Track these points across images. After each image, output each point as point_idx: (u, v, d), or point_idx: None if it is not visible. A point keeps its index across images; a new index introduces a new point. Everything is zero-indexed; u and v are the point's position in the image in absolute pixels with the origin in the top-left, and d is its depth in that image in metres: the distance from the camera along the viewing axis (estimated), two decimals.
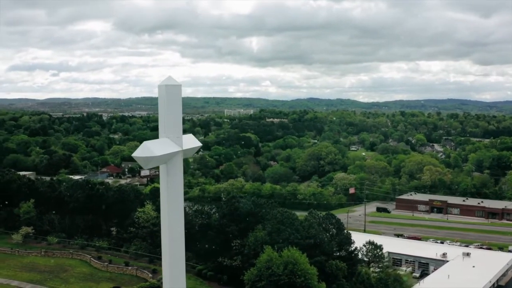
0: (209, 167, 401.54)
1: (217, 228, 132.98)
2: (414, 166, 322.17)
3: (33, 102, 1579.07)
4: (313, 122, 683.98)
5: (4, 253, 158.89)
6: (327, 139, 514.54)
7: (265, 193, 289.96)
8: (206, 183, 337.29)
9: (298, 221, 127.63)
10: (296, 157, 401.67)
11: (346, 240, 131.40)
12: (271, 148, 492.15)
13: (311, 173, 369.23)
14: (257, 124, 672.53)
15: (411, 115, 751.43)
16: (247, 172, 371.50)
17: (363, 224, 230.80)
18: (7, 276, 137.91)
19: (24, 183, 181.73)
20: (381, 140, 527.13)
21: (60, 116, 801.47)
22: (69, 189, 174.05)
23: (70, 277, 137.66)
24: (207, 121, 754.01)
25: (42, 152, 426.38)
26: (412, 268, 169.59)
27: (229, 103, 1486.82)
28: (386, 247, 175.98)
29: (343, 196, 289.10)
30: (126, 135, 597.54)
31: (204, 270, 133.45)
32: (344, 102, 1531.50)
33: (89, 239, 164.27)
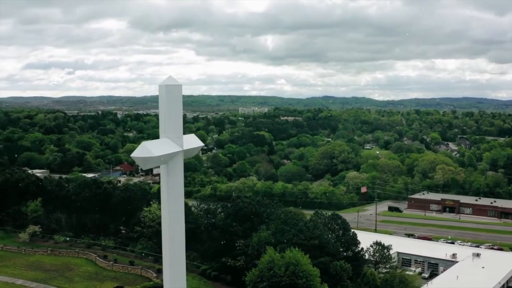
0: (222, 165, 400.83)
1: (222, 228, 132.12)
2: (427, 165, 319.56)
3: (49, 100, 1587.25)
4: (328, 120, 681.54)
5: (11, 251, 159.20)
6: (341, 138, 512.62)
7: (276, 192, 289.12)
8: (218, 181, 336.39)
9: (302, 221, 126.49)
10: (309, 156, 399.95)
11: (352, 240, 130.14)
12: (285, 146, 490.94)
13: (324, 171, 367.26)
14: (271, 122, 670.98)
15: (426, 114, 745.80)
16: (260, 170, 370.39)
17: (374, 224, 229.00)
18: (12, 275, 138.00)
19: (32, 182, 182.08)
20: (396, 139, 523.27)
21: (75, 114, 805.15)
22: (77, 188, 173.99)
23: (75, 276, 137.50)
24: (221, 119, 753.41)
25: (56, 150, 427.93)
26: (421, 269, 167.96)
27: (244, 101, 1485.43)
28: (395, 247, 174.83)
29: (355, 195, 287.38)
30: (140, 133, 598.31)
31: (209, 270, 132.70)
32: (359, 100, 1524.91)
33: (96, 238, 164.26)
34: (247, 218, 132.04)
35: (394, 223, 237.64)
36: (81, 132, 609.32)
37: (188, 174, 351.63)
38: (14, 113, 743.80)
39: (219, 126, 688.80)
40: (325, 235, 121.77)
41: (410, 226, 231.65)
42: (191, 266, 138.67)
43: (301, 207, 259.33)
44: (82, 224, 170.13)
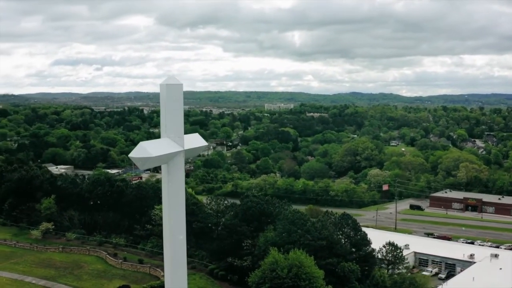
0: (246, 162, 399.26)
1: (229, 227, 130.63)
2: (451, 162, 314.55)
3: (77, 96, 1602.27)
4: (354, 117, 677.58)
5: (23, 248, 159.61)
6: (366, 134, 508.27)
7: (297, 189, 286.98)
8: (240, 178, 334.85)
9: (310, 222, 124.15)
10: (333, 153, 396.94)
11: (362, 241, 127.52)
12: (309, 143, 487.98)
13: (347, 168, 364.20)
14: (297, 118, 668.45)
15: (453, 110, 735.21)
16: (283, 167, 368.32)
17: (394, 222, 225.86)
18: (22, 272, 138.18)
19: (46, 179, 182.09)
20: (422, 136, 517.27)
21: (102, 110, 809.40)
22: (90, 185, 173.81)
23: (84, 274, 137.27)
24: (247, 116, 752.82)
25: (80, 146, 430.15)
26: (438, 269, 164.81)
27: (270, 98, 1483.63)
28: (412, 247, 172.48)
29: (377, 193, 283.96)
30: None
31: (216, 269, 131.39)
32: (387, 97, 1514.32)
33: (108, 236, 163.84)
34: (255, 217, 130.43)
35: (415, 222, 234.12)
36: (107, 128, 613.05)
37: (211, 170, 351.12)
38: (41, 109, 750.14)
39: (244, 122, 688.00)
40: (334, 236, 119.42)
41: (431, 225, 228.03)
42: (200, 265, 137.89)
43: (322, 205, 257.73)
44: (94, 221, 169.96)
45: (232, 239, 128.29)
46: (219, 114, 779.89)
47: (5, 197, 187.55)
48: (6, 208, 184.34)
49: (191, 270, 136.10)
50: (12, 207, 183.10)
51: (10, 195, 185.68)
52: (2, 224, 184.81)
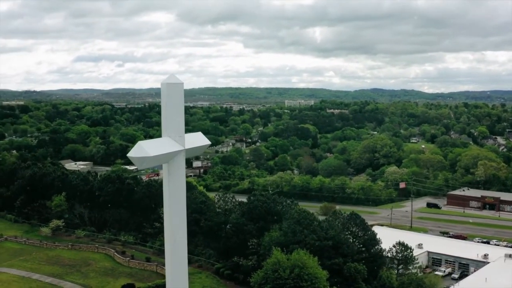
0: (264, 158, 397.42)
1: (236, 226, 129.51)
2: (470, 160, 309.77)
3: (98, 92, 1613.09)
4: (374, 113, 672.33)
5: (33, 245, 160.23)
6: (386, 131, 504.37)
7: (313, 186, 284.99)
8: (258, 175, 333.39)
9: (316, 221, 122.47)
10: (351, 150, 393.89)
11: (370, 241, 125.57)
12: (329, 139, 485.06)
13: (365, 166, 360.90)
14: (317, 115, 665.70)
15: (475, 107, 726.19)
16: (301, 164, 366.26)
17: (410, 221, 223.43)
18: (30, 269, 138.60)
19: (58, 176, 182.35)
20: (442, 132, 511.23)
21: (122, 107, 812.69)
22: (100, 183, 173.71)
23: (91, 272, 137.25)
24: (267, 112, 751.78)
25: (100, 143, 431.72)
26: (451, 269, 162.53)
27: (291, 94, 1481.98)
28: (426, 246, 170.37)
29: (393, 190, 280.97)
30: (185, 126, 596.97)
31: (222, 268, 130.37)
32: (409, 93, 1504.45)
33: (117, 234, 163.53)
34: (260, 216, 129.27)
35: (431, 220, 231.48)
36: (127, 125, 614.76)
37: (229, 167, 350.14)
38: (62, 105, 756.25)
39: (264, 118, 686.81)
40: (341, 236, 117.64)
41: (448, 223, 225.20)
42: (206, 263, 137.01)
43: (338, 203, 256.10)
44: (104, 219, 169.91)
45: (238, 238, 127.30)
46: (239, 111, 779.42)
47: (17, 194, 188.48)
48: (18, 205, 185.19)
49: (198, 268, 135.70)
50: (24, 204, 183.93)
51: (22, 192, 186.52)
52: (14, 221, 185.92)
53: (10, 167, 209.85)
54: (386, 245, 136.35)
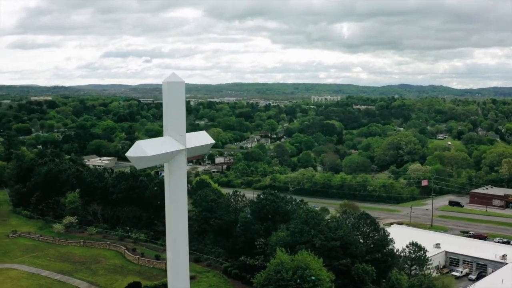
0: (288, 154, 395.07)
1: (244, 225, 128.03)
2: (495, 157, 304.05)
3: (126, 88, 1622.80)
4: (401, 109, 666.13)
5: (46, 242, 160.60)
6: (413, 127, 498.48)
7: (335, 183, 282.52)
8: (280, 171, 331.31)
9: (324, 221, 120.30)
10: (376, 146, 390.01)
11: (381, 241, 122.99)
12: (354, 136, 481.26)
13: (389, 163, 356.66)
14: (343, 111, 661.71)
15: (503, 103, 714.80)
16: (325, 160, 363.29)
17: (430, 219, 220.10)
18: (41, 266, 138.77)
19: (72, 173, 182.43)
20: (470, 129, 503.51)
21: (149, 102, 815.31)
22: (114, 180, 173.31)
23: (100, 269, 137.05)
24: (293, 108, 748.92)
25: (124, 138, 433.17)
26: (469, 269, 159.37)
27: (318, 89, 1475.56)
28: (444, 245, 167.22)
29: (416, 188, 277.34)
30: (211, 121, 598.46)
31: (230, 268, 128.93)
32: (437, 89, 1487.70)
33: (129, 231, 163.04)
34: (268, 216, 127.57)
35: (452, 219, 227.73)
36: (154, 120, 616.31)
37: (252, 163, 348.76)
38: (89, 100, 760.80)
39: (290, 114, 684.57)
40: (350, 236, 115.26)
41: (469, 222, 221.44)
42: (216, 262, 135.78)
43: (359, 200, 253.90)
44: (116, 216, 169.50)
45: (246, 237, 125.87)
46: (265, 106, 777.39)
47: (33, 190, 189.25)
48: (34, 201, 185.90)
49: (207, 267, 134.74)
50: (39, 201, 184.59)
51: (38, 189, 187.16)
52: (29, 217, 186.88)
53: (27, 163, 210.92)
54: (402, 245, 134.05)
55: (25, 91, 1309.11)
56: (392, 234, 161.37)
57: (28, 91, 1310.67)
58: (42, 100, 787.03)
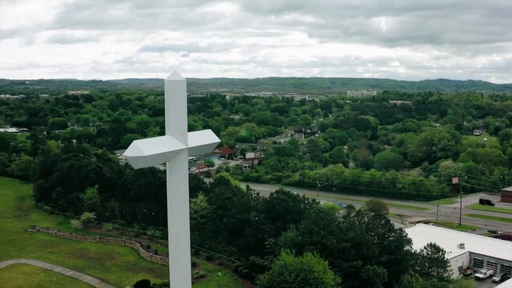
0: (320, 150, 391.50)
1: (255, 224, 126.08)
2: None
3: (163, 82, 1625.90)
4: (437, 104, 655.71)
5: (63, 237, 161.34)
6: (449, 123, 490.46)
7: (364, 180, 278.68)
8: (311, 167, 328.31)
9: (334, 222, 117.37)
10: (409, 142, 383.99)
11: (394, 242, 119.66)
12: (389, 131, 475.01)
13: (422, 159, 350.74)
14: (379, 106, 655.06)
15: None
16: (357, 156, 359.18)
17: (459, 218, 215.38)
18: (55, 262, 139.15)
19: (92, 169, 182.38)
20: (507, 125, 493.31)
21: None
22: (133, 176, 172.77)
23: (113, 266, 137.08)
24: (328, 103, 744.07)
25: (158, 132, 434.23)
26: (493, 271, 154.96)
27: (355, 84, 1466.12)
28: (468, 246, 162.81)
29: (446, 186, 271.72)
30: (246, 116, 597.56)
31: (240, 267, 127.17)
32: (475, 84, 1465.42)
33: (146, 227, 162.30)
34: (279, 215, 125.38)
35: (482, 218, 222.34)
36: (189, 114, 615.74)
37: (283, 158, 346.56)
38: (126, 95, 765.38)
39: (325, 109, 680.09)
40: (362, 237, 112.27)
41: (499, 221, 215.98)
42: (227, 261, 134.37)
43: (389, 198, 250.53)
44: (134, 212, 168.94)
45: (256, 237, 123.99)
46: (301, 101, 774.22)
47: (55, 186, 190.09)
48: (54, 197, 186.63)
49: (218, 266, 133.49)
50: (60, 196, 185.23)
51: (59, 184, 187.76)
52: (50, 212, 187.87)
53: (51, 159, 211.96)
54: (424, 245, 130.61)
55: (63, 85, 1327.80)
56: (415, 233, 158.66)
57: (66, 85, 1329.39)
58: (79, 94, 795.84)
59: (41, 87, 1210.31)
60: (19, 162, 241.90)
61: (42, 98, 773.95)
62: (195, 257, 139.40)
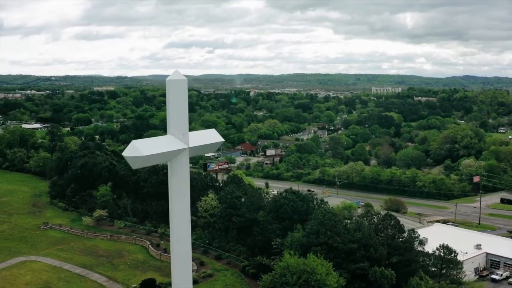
0: (342, 147, 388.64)
1: (262, 224, 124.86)
2: None
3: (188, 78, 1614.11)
4: (462, 101, 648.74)
5: (75, 234, 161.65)
6: (474, 120, 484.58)
7: (384, 178, 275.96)
8: (332, 164, 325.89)
9: (341, 223, 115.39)
10: (432, 140, 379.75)
11: (404, 244, 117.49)
12: (412, 128, 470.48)
13: (444, 157, 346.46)
14: (403, 103, 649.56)
15: None
16: (379, 154, 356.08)
17: (478, 217, 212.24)
18: (64, 259, 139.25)
19: (105, 167, 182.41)
20: None
21: (210, 93, 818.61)
22: (146, 174, 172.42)
23: (122, 264, 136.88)
24: (352, 99, 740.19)
25: None
26: (510, 273, 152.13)
27: (381, 80, 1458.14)
28: (485, 246, 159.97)
29: (467, 184, 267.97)
30: (270, 112, 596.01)
31: (248, 267, 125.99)
32: (502, 80, 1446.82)
33: (157, 225, 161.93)
34: (286, 216, 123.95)
35: (502, 217, 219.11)
36: (213, 111, 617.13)
37: (304, 155, 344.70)
38: (150, 91, 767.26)
39: (349, 106, 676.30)
40: (370, 238, 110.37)
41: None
42: (236, 261, 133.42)
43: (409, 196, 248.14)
44: (145, 210, 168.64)
45: (264, 236, 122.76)
46: (325, 97, 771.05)
47: (69, 183, 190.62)
48: (69, 194, 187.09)
49: (226, 265, 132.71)
50: (74, 193, 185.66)
51: (74, 181, 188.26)
52: (64, 209, 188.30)
53: (67, 156, 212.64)
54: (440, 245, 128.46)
55: (89, 81, 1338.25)
56: (432, 233, 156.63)
57: (92, 81, 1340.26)
58: (104, 90, 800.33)
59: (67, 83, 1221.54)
60: (37, 158, 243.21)
61: (67, 94, 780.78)
62: (204, 256, 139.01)
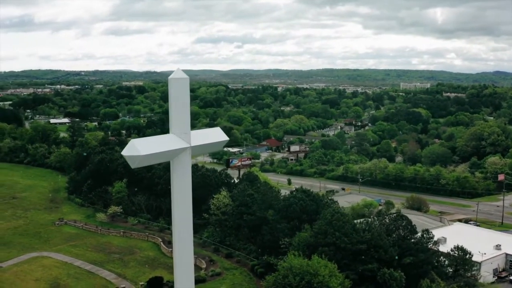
0: (369, 143, 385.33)
1: (271, 223, 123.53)
2: None
3: (217, 73, 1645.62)
4: (492, 97, 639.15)
5: (89, 230, 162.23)
6: (502, 117, 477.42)
7: (407, 176, 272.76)
8: (357, 161, 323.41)
9: (350, 223, 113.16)
10: (459, 136, 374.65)
11: (415, 245, 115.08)
12: (440, 125, 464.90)
13: (471, 154, 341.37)
14: (431, 99, 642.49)
15: None
16: (405, 150, 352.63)
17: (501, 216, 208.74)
18: (75, 255, 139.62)
19: (121, 163, 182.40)
20: None
21: (238, 88, 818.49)
22: (161, 170, 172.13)
23: (132, 261, 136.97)
24: (380, 95, 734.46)
25: (205, 124, 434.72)
26: None
27: (410, 76, 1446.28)
28: (506, 247, 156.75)
29: (492, 183, 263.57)
30: (297, 108, 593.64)
31: (256, 266, 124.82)
32: None
33: (171, 222, 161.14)
34: (295, 215, 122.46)
35: None
36: (240, 106, 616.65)
37: (329, 152, 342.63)
38: None
39: (377, 101, 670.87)
40: (380, 239, 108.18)
41: None
42: (246, 259, 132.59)
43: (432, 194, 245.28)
44: (159, 207, 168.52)
45: (272, 236, 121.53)
46: (353, 93, 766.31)
47: (86, 178, 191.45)
48: (85, 190, 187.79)
49: (236, 264, 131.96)
50: (90, 189, 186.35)
51: (90, 177, 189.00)
52: (80, 205, 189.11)
53: (86, 151, 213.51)
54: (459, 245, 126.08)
55: (118, 76, 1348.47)
56: (451, 232, 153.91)
57: (121, 76, 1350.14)
58: (133, 85, 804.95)
59: (96, 78, 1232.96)
60: (57, 154, 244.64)
61: (96, 89, 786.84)
62: (214, 254, 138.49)
